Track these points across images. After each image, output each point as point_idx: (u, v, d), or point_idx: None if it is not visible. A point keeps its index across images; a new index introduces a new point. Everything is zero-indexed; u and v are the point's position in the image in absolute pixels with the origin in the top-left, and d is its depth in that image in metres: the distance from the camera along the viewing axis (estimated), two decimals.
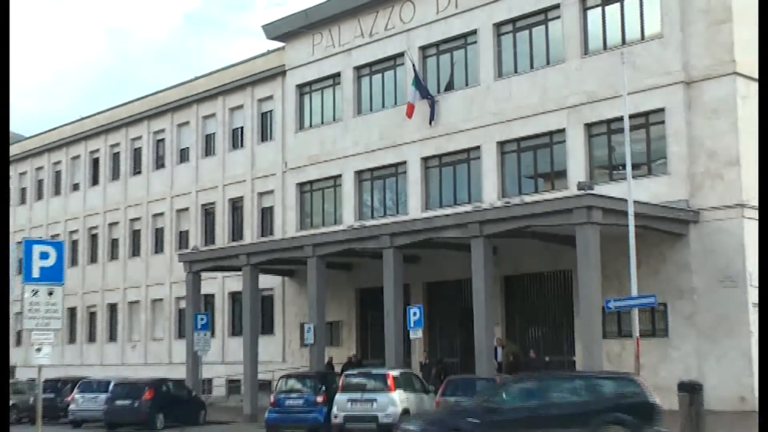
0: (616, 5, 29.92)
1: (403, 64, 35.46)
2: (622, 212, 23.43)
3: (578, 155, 30.14)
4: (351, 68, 37.59)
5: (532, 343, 30.59)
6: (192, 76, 46.40)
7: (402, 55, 35.42)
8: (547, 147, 31.44)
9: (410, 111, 34.43)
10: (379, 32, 36.52)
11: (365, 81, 37.48)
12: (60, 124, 55.62)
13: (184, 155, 45.81)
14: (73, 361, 49.29)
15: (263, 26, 40.80)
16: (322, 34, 38.58)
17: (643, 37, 29.12)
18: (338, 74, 38.14)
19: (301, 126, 39.74)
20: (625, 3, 29.70)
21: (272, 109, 41.44)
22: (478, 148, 32.95)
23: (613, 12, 30.02)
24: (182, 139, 45.98)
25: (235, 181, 42.64)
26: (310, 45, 39.11)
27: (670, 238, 27.51)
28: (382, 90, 36.79)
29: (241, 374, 35.70)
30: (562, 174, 30.65)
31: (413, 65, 34.48)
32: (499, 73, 32.78)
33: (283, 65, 40.44)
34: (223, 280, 41.26)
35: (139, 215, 47.88)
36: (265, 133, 41.91)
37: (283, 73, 40.46)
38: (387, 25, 36.22)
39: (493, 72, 32.84)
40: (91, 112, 53.36)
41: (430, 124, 34.19)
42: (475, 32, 33.49)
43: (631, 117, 25.04)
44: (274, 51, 41.37)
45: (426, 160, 34.77)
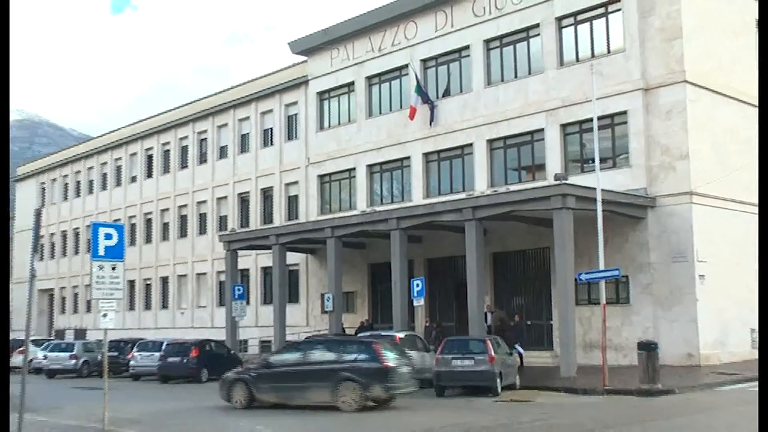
0: (587, 24, 29.85)
1: (407, 74, 35.46)
2: (592, 199, 23.30)
3: (555, 151, 30.10)
4: (363, 78, 37.59)
5: (517, 309, 30.48)
6: (229, 86, 46.55)
7: (406, 66, 35.40)
8: (528, 144, 31.40)
9: (413, 114, 34.47)
10: (386, 47, 36.52)
11: (375, 88, 37.46)
12: (120, 126, 55.81)
13: (223, 152, 45.87)
14: (132, 325, 49.54)
15: (289, 43, 40.80)
16: (339, 49, 38.59)
17: (609, 51, 29.06)
18: (352, 83, 38.15)
19: (321, 127, 39.79)
20: (594, 23, 29.63)
21: (297, 113, 41.44)
22: (471, 145, 32.94)
23: (584, 30, 29.94)
24: (221, 139, 46.04)
25: (266, 174, 42.73)
26: (328, 58, 39.14)
27: (632, 220, 27.54)
28: (390, 96, 36.75)
29: (271, 336, 35.92)
30: (542, 167, 30.57)
31: (416, 75, 34.47)
32: (489, 82, 32.77)
33: (306, 75, 40.44)
34: (257, 257, 41.39)
35: (185, 203, 48.03)
36: (291, 133, 41.93)
37: (306, 82, 40.46)
38: (393, 41, 36.21)
39: (484, 81, 32.83)
40: (146, 116, 53.52)
41: (430, 125, 34.21)
42: (468, 47, 33.47)
43: (600, 118, 24.89)
44: (299, 64, 41.30)
45: (427, 156, 34.76)
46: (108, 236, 15.13)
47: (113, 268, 15.18)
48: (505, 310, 30.28)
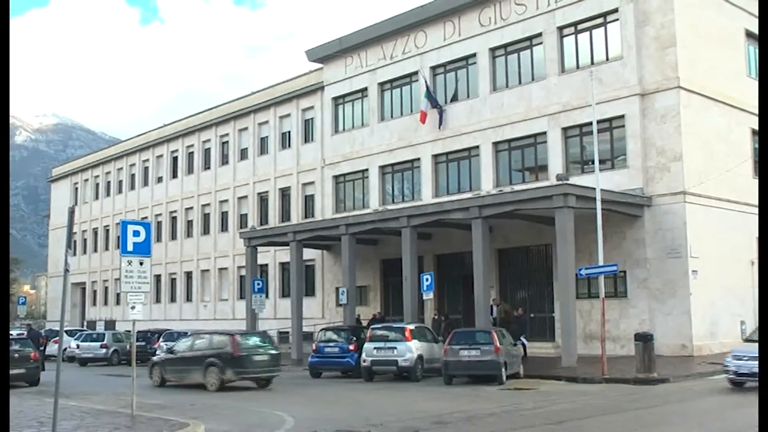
0: (586, 34, 29.83)
1: (417, 81, 35.45)
2: (592, 198, 23.29)
3: (556, 153, 30.07)
4: (376, 84, 37.60)
5: (520, 302, 30.47)
6: (249, 92, 46.63)
7: (416, 73, 35.39)
8: (532, 146, 31.36)
9: (423, 118, 34.48)
10: (398, 55, 36.54)
11: (387, 94, 37.46)
12: (148, 130, 56.03)
13: (244, 154, 45.92)
14: (159, 316, 49.60)
15: (306, 51, 40.82)
16: (353, 57, 38.63)
17: (607, 59, 29.03)
18: (365, 89, 38.17)
19: (336, 130, 39.84)
20: (593, 32, 29.61)
21: (313, 117, 41.49)
22: (478, 147, 32.93)
23: (583, 39, 29.93)
24: (242, 141, 46.12)
25: (284, 174, 42.78)
26: (343, 66, 39.18)
27: (629, 218, 27.49)
28: (401, 101, 36.74)
29: (289, 327, 35.97)
30: (544, 168, 30.56)
31: (425, 81, 34.49)
32: (494, 88, 32.75)
33: (322, 82, 40.47)
34: (275, 253, 41.39)
35: (208, 201, 48.11)
36: (308, 136, 41.96)
37: (322, 88, 40.48)
38: (404, 49, 36.23)
39: (489, 87, 32.82)
40: (171, 120, 53.72)
41: (439, 128, 34.22)
42: (474, 55, 33.48)
43: (599, 122, 24.90)
44: (315, 71, 41.35)
45: (436, 157, 34.75)
46: (136, 233, 15.15)
47: (141, 263, 15.21)
48: (510, 303, 30.26)
